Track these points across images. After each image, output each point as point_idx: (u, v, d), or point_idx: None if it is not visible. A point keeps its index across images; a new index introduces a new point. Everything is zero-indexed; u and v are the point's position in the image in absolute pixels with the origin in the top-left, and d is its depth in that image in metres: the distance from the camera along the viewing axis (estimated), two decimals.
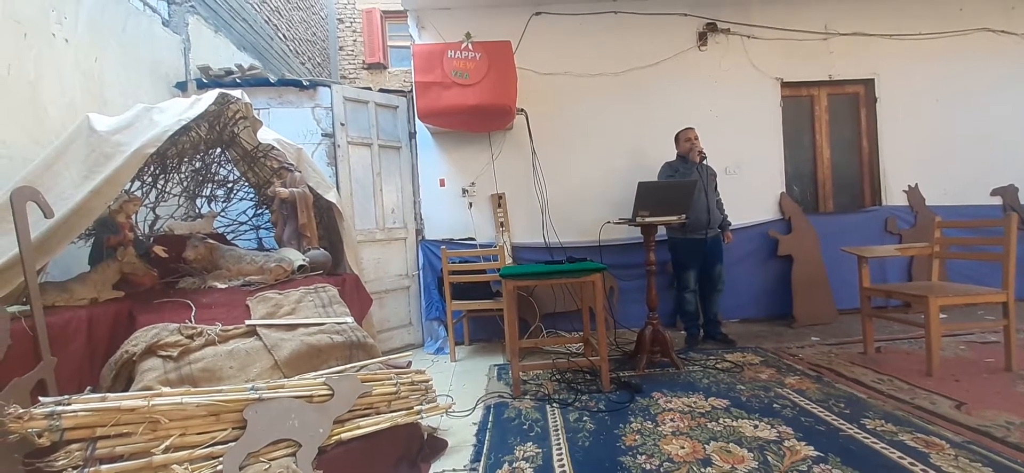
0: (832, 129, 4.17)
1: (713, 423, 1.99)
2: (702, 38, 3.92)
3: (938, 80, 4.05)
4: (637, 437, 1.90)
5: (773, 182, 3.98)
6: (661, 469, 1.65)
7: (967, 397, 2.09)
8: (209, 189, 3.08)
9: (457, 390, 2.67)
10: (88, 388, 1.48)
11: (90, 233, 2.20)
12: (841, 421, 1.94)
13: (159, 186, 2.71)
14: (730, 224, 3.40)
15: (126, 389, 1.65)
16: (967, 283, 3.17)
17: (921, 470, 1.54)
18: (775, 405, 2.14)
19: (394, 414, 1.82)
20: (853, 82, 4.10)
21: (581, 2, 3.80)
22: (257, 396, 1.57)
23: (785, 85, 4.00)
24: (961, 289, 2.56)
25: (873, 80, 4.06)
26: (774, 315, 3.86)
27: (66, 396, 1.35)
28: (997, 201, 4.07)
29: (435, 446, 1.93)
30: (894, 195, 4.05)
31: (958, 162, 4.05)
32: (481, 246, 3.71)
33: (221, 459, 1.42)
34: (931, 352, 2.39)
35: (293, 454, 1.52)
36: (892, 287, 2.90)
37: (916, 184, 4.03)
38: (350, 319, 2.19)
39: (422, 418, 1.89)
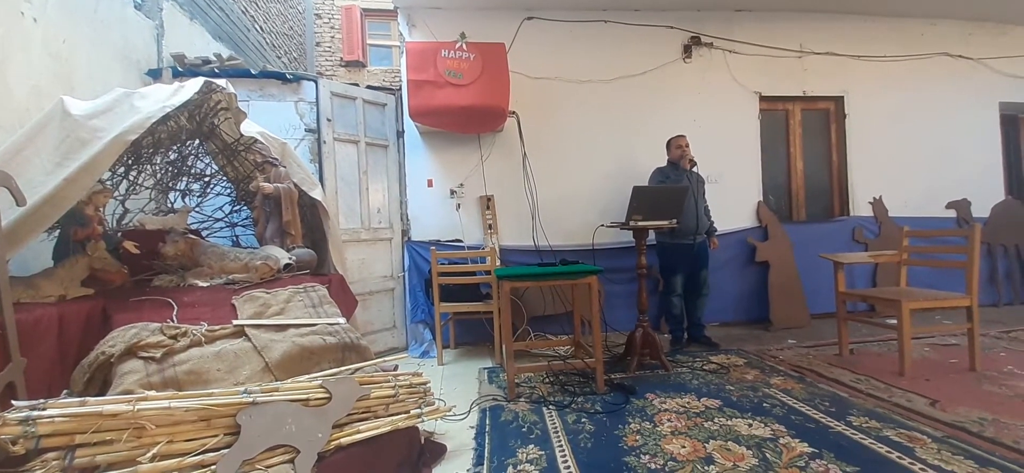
0: (805, 142, 4.37)
1: (709, 423, 2.03)
2: (687, 51, 4.05)
3: (900, 99, 4.32)
4: (638, 438, 1.91)
5: (751, 191, 4.13)
6: (666, 468, 1.66)
7: (939, 395, 2.22)
8: (184, 182, 2.91)
9: (448, 393, 2.61)
10: (65, 391, 1.35)
11: (55, 226, 2.03)
12: (829, 418, 2.01)
13: (131, 178, 2.54)
14: (716, 231, 3.50)
15: (100, 394, 1.52)
16: (923, 288, 3.37)
17: (909, 463, 1.62)
18: (765, 404, 2.20)
19: (394, 418, 1.76)
20: (825, 99, 4.33)
21: (572, 9, 3.85)
22: (251, 400, 1.48)
23: (763, 99, 4.17)
24: (929, 294, 2.72)
25: (843, 97, 4.29)
26: (751, 319, 3.99)
27: (41, 400, 1.23)
28: (951, 214, 4.37)
29: (434, 450, 1.87)
30: (860, 206, 4.28)
31: (917, 176, 4.32)
32: (468, 248, 3.67)
33: (213, 467, 1.33)
34: (904, 353, 2.52)
35: (291, 461, 1.44)
36: (866, 292, 3.06)
37: (880, 196, 4.27)
38: (342, 320, 2.11)
39: (422, 421, 1.83)
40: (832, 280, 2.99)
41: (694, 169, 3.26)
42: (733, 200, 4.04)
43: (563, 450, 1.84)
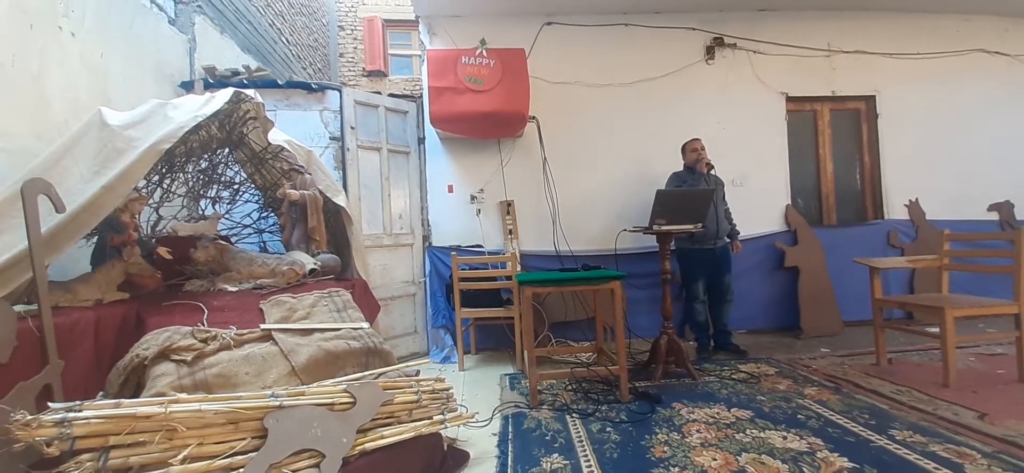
0: (835, 144, 4.23)
1: (740, 434, 1.95)
2: (710, 52, 3.97)
3: (936, 98, 4.15)
4: (665, 449, 1.85)
5: (779, 194, 4.01)
6: None
7: (987, 408, 2.09)
8: (214, 190, 2.99)
9: (469, 399, 2.59)
10: (100, 393, 1.39)
11: (93, 232, 2.10)
12: (869, 432, 1.92)
13: (164, 186, 2.62)
14: (738, 233, 3.41)
15: (135, 396, 1.56)
16: (963, 294, 3.20)
17: None
18: (799, 416, 2.12)
19: (417, 423, 1.75)
20: (855, 98, 4.19)
21: (592, 13, 3.83)
22: (279, 403, 1.49)
23: (790, 100, 4.06)
24: (974, 301, 2.58)
25: (874, 97, 4.14)
26: (781, 326, 3.86)
27: (77, 402, 1.26)
28: (993, 216, 4.16)
29: (457, 457, 1.85)
30: (895, 209, 4.11)
31: (955, 178, 4.13)
32: (489, 253, 3.66)
33: (241, 470, 1.34)
34: (948, 363, 2.39)
35: (317, 465, 1.44)
36: (906, 298, 2.92)
37: (916, 199, 4.10)
38: (366, 325, 2.12)
39: (445, 428, 1.82)
40: (865, 286, 2.86)
41: (712, 172, 3.18)
42: (760, 204, 3.93)
43: (588, 460, 1.80)
